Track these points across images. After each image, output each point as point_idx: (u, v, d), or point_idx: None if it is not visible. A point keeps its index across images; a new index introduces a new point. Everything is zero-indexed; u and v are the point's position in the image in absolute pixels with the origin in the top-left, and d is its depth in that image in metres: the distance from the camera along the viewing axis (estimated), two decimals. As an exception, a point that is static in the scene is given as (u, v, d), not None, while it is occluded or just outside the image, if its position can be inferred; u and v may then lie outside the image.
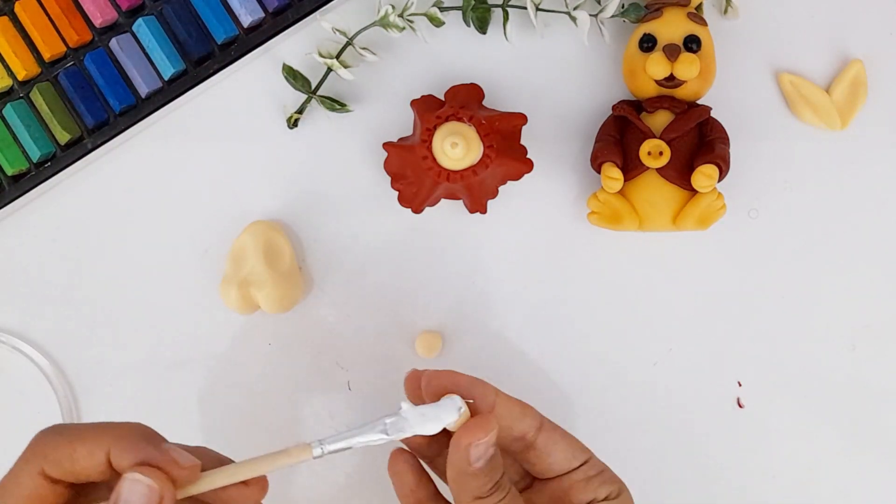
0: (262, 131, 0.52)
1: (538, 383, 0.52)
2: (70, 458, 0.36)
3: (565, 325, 0.52)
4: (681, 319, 0.52)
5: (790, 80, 0.52)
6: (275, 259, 0.50)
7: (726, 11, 0.52)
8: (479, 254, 0.52)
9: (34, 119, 0.50)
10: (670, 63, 0.47)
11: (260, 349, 0.52)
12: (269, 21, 0.51)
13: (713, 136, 0.49)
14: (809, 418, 0.51)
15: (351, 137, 0.52)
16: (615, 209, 0.49)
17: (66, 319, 0.52)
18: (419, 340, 0.51)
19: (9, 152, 0.50)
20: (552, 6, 0.50)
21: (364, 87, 0.52)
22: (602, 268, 0.52)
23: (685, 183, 0.48)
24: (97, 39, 0.51)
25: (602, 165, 0.49)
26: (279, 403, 0.51)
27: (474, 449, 0.37)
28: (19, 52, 0.50)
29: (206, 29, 0.51)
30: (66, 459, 0.36)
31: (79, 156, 0.51)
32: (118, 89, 0.51)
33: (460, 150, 0.47)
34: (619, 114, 0.50)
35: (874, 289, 0.52)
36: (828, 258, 0.52)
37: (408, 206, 0.49)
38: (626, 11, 0.50)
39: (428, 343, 0.51)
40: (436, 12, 0.50)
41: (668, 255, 0.52)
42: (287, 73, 0.51)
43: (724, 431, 0.51)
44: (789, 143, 0.52)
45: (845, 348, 0.52)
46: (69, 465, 0.36)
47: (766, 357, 0.52)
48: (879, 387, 0.51)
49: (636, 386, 0.52)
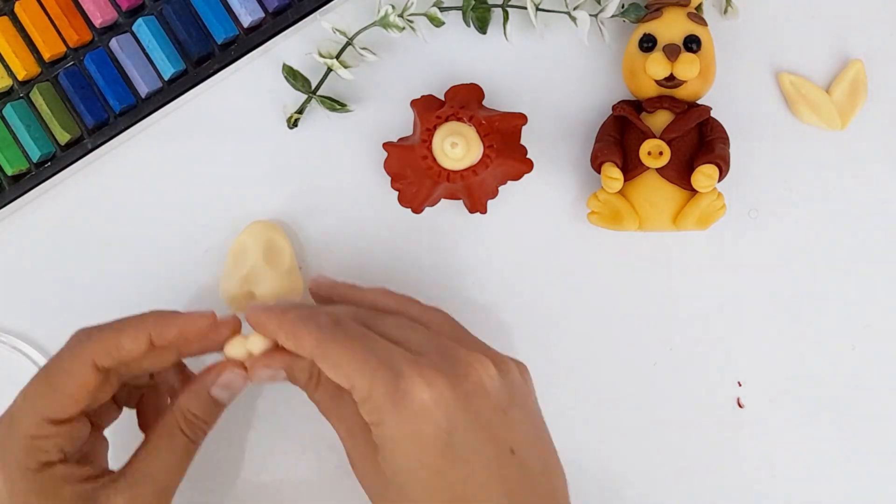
0: (262, 131, 0.52)
1: (538, 383, 0.52)
2: (117, 347, 0.41)
3: (565, 324, 0.52)
4: (681, 319, 0.52)
5: (790, 80, 0.52)
6: (275, 259, 0.50)
7: (726, 11, 0.52)
8: (479, 254, 0.52)
9: (34, 119, 0.50)
10: (670, 63, 0.47)
11: (260, 349, 0.52)
12: (269, 21, 0.51)
13: (713, 136, 0.49)
14: (809, 418, 0.51)
15: (351, 137, 0.52)
16: (615, 209, 0.49)
17: (67, 319, 0.52)
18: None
19: (9, 152, 0.50)
20: (552, 6, 0.50)
21: (364, 87, 0.52)
22: (602, 268, 0.52)
23: (685, 183, 0.48)
24: (97, 39, 0.51)
25: (602, 165, 0.49)
26: (279, 403, 0.51)
27: (214, 389, 0.43)
28: (19, 52, 0.50)
29: (206, 29, 0.51)
30: (113, 349, 0.41)
31: (79, 156, 0.51)
32: (118, 89, 0.51)
33: (460, 150, 0.47)
34: (619, 114, 0.50)
35: (874, 289, 0.52)
36: (828, 258, 0.52)
37: (408, 206, 0.49)
38: (626, 11, 0.50)
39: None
40: (436, 12, 0.50)
41: (668, 255, 0.52)
42: (287, 73, 0.51)
43: (724, 431, 0.51)
44: (789, 143, 0.52)
45: (845, 348, 0.52)
46: (117, 353, 0.41)
47: (766, 357, 0.52)
48: (879, 387, 0.51)
49: (636, 386, 0.52)
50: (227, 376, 0.43)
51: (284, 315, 0.42)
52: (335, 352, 0.40)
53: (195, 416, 0.43)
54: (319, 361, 0.40)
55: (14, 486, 0.39)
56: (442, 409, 0.38)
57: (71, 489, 0.40)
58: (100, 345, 0.41)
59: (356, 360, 0.39)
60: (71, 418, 0.41)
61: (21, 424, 0.40)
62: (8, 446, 0.40)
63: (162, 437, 0.42)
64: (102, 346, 0.41)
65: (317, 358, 0.40)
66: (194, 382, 0.44)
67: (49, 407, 0.40)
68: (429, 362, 0.39)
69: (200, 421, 0.43)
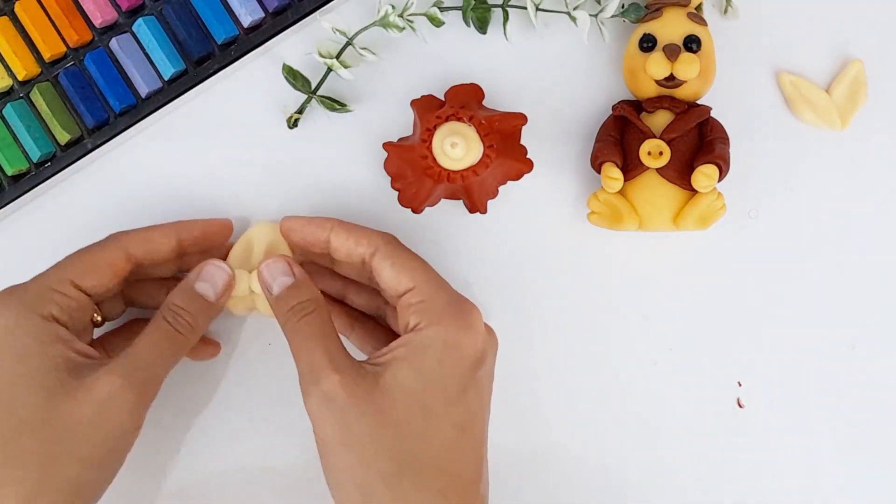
0: (262, 131, 0.52)
1: (538, 383, 0.52)
2: (148, 239, 0.46)
3: (565, 324, 0.52)
4: (681, 319, 0.52)
5: (790, 80, 0.52)
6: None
7: (726, 11, 0.52)
8: (479, 254, 0.52)
9: (34, 119, 0.50)
10: (670, 63, 0.47)
11: (260, 349, 0.52)
12: (269, 21, 0.51)
13: (713, 136, 0.49)
14: (809, 418, 0.51)
15: (351, 137, 0.52)
16: (615, 209, 0.49)
17: (66, 319, 0.52)
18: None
19: (9, 152, 0.50)
20: (552, 6, 0.50)
21: (364, 87, 0.52)
22: (602, 268, 0.52)
23: (685, 183, 0.48)
24: (97, 39, 0.51)
25: (602, 165, 0.49)
26: (279, 403, 0.51)
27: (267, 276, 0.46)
28: (19, 52, 0.50)
29: (206, 29, 0.51)
30: (145, 240, 0.46)
31: (79, 156, 0.51)
32: (118, 89, 0.51)
33: (460, 150, 0.47)
34: (619, 114, 0.50)
35: (874, 289, 0.52)
36: (828, 258, 0.52)
37: (408, 206, 0.49)
38: (625, 11, 0.50)
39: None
40: (436, 12, 0.50)
41: (668, 255, 0.52)
42: (287, 73, 0.51)
43: (723, 431, 0.52)
44: (789, 143, 0.52)
45: (845, 348, 0.52)
46: (148, 245, 0.46)
47: (766, 357, 0.52)
48: (879, 387, 0.51)
49: (636, 386, 0.52)
50: (208, 269, 0.47)
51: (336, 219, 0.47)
52: (403, 254, 0.45)
53: (178, 307, 0.45)
54: (384, 257, 0.45)
55: (19, 323, 0.42)
56: (482, 341, 0.43)
57: (64, 349, 0.43)
58: (134, 235, 0.46)
59: (424, 267, 0.45)
60: (91, 289, 0.45)
61: (47, 278, 0.44)
62: (29, 290, 0.44)
63: (149, 329, 0.45)
64: (136, 237, 0.46)
65: (382, 253, 0.45)
66: (181, 282, 0.47)
67: (77, 272, 0.44)
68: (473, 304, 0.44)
69: (184, 311, 0.45)
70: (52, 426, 0.41)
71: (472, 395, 0.43)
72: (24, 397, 0.41)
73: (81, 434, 0.42)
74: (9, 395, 0.41)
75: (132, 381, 0.43)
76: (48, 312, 0.43)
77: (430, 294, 0.43)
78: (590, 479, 0.51)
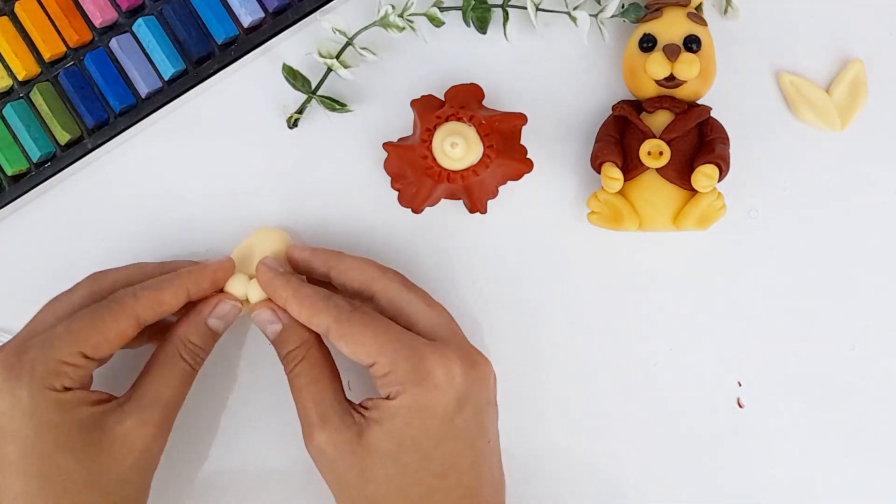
0: (262, 131, 0.52)
1: (538, 383, 0.52)
2: (160, 302, 0.46)
3: (565, 324, 0.52)
4: (681, 319, 0.52)
5: (790, 80, 0.52)
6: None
7: (726, 11, 0.52)
8: (479, 254, 0.52)
9: (34, 119, 0.50)
10: (670, 63, 0.47)
11: (260, 349, 0.52)
12: (269, 21, 0.51)
13: (713, 136, 0.49)
14: (809, 418, 0.51)
15: (351, 137, 0.52)
16: (615, 209, 0.49)
17: (66, 319, 0.52)
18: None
19: (9, 152, 0.50)
20: (552, 6, 0.50)
21: (364, 87, 0.52)
22: (602, 268, 0.52)
23: (685, 183, 0.48)
24: (97, 39, 0.51)
25: (602, 165, 0.49)
26: (279, 403, 0.51)
27: (258, 325, 0.48)
28: (19, 52, 0.50)
29: (206, 29, 0.51)
30: (157, 304, 0.46)
31: (79, 156, 0.51)
32: (118, 89, 0.51)
33: (460, 150, 0.47)
34: (619, 114, 0.50)
35: (874, 289, 0.52)
36: (828, 258, 0.52)
37: (408, 206, 0.49)
38: (625, 11, 0.50)
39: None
40: (436, 12, 0.50)
41: (668, 255, 0.52)
42: (287, 73, 0.51)
43: (724, 431, 0.52)
44: (789, 143, 0.52)
45: (845, 348, 0.52)
46: (159, 308, 0.46)
47: (766, 357, 0.52)
48: (879, 387, 0.51)
49: (636, 386, 0.52)
50: (222, 307, 0.47)
51: (301, 289, 0.46)
52: (356, 330, 0.44)
53: (193, 345, 0.47)
54: (337, 338, 0.45)
55: (37, 401, 0.43)
56: (454, 390, 0.43)
57: (82, 410, 0.44)
58: (145, 302, 0.45)
59: (378, 339, 0.44)
60: (101, 358, 0.45)
61: (57, 350, 0.44)
62: (40, 363, 0.43)
63: (164, 365, 0.46)
64: (147, 303, 0.45)
65: (334, 334, 0.45)
66: (192, 314, 0.47)
67: (87, 343, 0.44)
68: (445, 348, 0.44)
69: (198, 349, 0.47)
70: (100, 484, 0.44)
71: (449, 444, 0.44)
72: (62, 464, 0.43)
73: (126, 479, 0.44)
74: (47, 467, 0.43)
75: (161, 428, 0.45)
76: (61, 386, 0.44)
77: (392, 365, 0.43)
78: (590, 479, 0.51)
